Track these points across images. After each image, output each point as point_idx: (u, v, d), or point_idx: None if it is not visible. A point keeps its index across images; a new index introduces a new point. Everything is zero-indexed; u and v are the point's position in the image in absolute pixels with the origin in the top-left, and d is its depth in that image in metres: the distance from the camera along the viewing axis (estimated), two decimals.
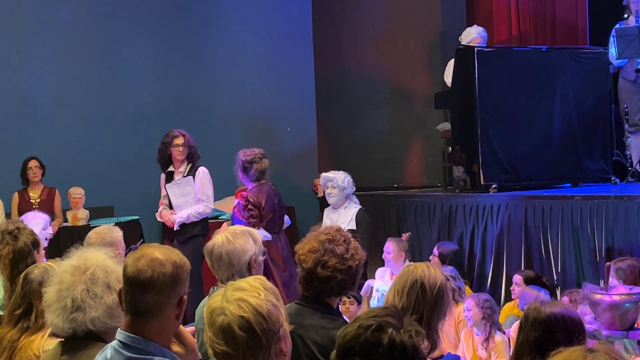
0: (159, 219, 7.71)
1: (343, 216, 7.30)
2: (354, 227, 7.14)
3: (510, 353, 3.40)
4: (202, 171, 7.51)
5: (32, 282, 3.48)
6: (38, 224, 6.12)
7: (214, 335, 2.34)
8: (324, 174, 7.57)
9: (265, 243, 4.66)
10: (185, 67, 10.24)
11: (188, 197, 7.46)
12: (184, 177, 7.50)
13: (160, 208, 7.61)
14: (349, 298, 6.40)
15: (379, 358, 2.13)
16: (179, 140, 7.50)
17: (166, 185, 7.54)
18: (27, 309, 3.45)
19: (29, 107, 9.50)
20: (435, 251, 6.94)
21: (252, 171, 7.08)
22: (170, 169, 7.60)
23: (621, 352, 4.34)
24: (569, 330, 3.16)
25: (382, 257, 7.08)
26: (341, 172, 7.51)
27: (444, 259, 6.79)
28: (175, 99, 10.11)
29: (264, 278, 2.48)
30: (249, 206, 6.95)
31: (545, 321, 3.17)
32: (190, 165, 7.53)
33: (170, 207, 7.54)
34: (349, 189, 7.43)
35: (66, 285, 2.81)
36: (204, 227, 7.57)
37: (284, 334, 2.38)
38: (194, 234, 7.43)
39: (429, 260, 6.71)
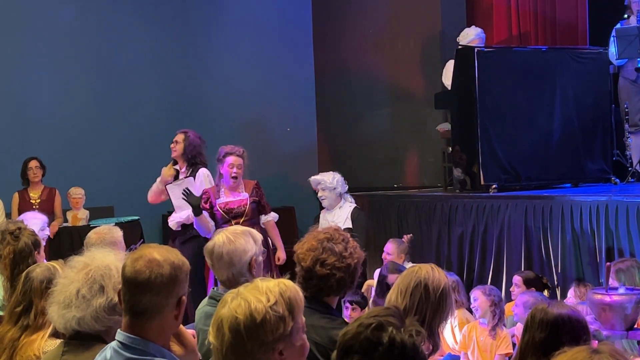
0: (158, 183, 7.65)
1: (338, 216, 7.24)
2: (350, 226, 7.06)
3: (515, 352, 3.37)
4: (202, 172, 7.48)
5: (33, 281, 3.49)
6: (36, 224, 6.10)
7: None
8: (312, 178, 7.50)
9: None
10: (185, 68, 10.24)
11: None
12: (186, 177, 7.49)
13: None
14: (352, 305, 6.37)
15: (378, 357, 2.13)
16: (177, 137, 7.52)
17: (167, 186, 7.53)
18: (27, 307, 3.46)
19: (29, 108, 9.50)
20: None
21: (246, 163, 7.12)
22: (177, 167, 7.61)
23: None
24: (575, 332, 3.12)
25: (382, 257, 7.08)
26: (329, 172, 7.42)
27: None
28: (175, 99, 10.11)
29: (290, 284, 2.38)
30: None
31: (552, 322, 3.13)
32: (192, 166, 7.51)
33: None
34: (339, 188, 7.32)
35: (67, 281, 2.82)
36: None
37: (284, 347, 2.28)
38: (194, 235, 7.41)
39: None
